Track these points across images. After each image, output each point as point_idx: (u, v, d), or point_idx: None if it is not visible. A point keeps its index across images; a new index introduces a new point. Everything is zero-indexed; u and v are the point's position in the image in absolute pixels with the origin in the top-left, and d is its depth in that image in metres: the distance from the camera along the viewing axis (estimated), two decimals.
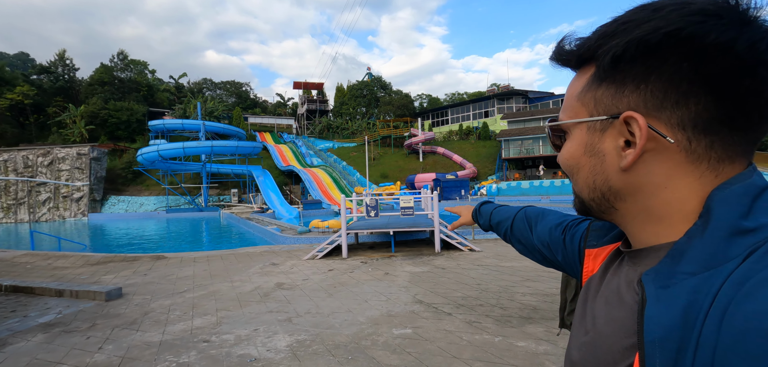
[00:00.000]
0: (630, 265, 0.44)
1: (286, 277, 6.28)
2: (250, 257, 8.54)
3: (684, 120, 0.38)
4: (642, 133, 0.39)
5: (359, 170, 38.31)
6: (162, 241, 17.04)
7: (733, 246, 0.34)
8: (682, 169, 0.39)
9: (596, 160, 0.44)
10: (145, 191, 33.82)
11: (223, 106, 49.28)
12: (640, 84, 0.39)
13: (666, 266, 0.37)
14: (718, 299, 0.32)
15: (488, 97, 47.91)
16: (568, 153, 0.48)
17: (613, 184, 0.43)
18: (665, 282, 0.36)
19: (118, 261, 9.38)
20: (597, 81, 0.43)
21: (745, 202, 0.36)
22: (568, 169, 0.49)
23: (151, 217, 28.70)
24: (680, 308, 0.34)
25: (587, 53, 0.44)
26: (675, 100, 0.38)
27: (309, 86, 60.55)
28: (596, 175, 0.44)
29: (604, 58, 0.41)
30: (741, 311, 0.30)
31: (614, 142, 0.42)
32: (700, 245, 0.36)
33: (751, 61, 0.35)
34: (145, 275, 7.28)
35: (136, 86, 47.34)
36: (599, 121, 0.43)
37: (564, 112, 0.48)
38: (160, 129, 35.69)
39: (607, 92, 0.42)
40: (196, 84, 61.50)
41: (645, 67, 0.39)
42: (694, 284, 0.34)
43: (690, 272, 0.35)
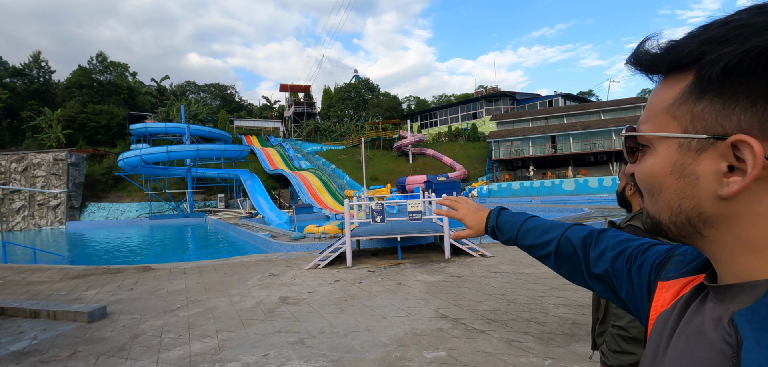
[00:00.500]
0: (716, 302, 0.39)
1: (289, 289, 5.78)
2: (245, 267, 7.99)
3: None
4: (757, 161, 0.34)
5: (349, 173, 37.85)
6: (146, 250, 16.21)
7: None
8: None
9: (686, 183, 0.39)
10: (126, 197, 32.56)
11: (207, 109, 48.12)
12: (757, 102, 0.34)
13: (765, 306, 0.33)
14: None
15: (476, 99, 48.07)
16: (650, 170, 0.42)
17: (704, 210, 0.38)
18: (764, 324, 0.32)
19: (100, 274, 8.69)
20: (697, 93, 0.37)
21: None
22: (646, 187, 0.44)
23: (134, 224, 27.57)
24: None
25: (686, 59, 0.38)
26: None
27: (296, 88, 59.72)
28: (683, 199, 0.40)
29: (713, 67, 0.35)
30: None
31: (714, 166, 0.37)
32: None
33: None
34: (132, 290, 6.67)
35: (116, 89, 45.76)
36: (696, 140, 0.38)
37: (647, 123, 0.43)
38: (142, 133, 34.47)
39: (710, 108, 0.36)
40: (179, 87, 59.94)
41: (765, 82, 0.33)
42: None
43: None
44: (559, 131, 32.91)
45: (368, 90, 60.54)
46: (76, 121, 37.75)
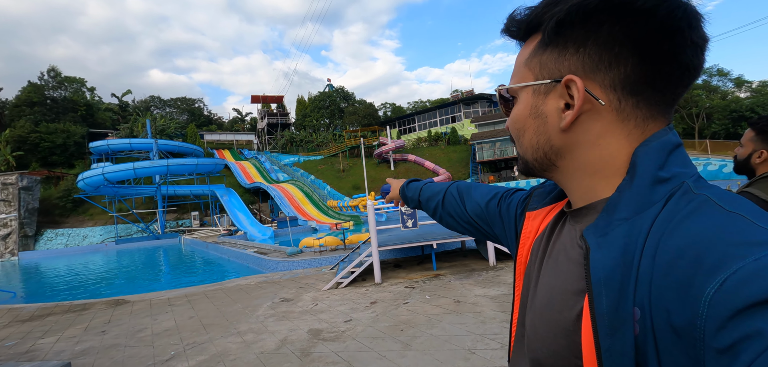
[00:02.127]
0: (572, 224, 0.48)
1: (316, 319, 4.56)
2: (246, 292, 6.66)
3: (615, 81, 0.42)
4: (580, 95, 0.43)
5: (329, 183, 36.49)
6: (115, 279, 14.29)
7: (655, 193, 0.40)
8: (613, 128, 0.44)
9: (540, 122, 0.48)
10: (88, 221, 29.72)
11: (175, 124, 45.40)
12: (579, 48, 0.43)
13: (603, 219, 0.42)
14: (650, 237, 0.38)
15: (453, 103, 47.98)
16: (515, 116, 0.51)
17: (554, 143, 0.47)
18: (604, 231, 0.41)
19: (60, 313, 7.09)
20: (542, 46, 0.46)
21: (662, 155, 0.42)
22: (515, 131, 0.52)
23: (98, 250, 25.02)
24: (619, 249, 0.39)
25: (535, 21, 0.47)
26: (608, 62, 0.42)
27: (268, 100, 57.74)
28: (539, 136, 0.48)
29: (549, 22, 0.44)
30: (670, 244, 0.36)
31: (556, 104, 0.46)
32: (629, 195, 0.41)
33: (670, 26, 0.40)
34: (104, 333, 5.24)
35: (73, 106, 42.33)
36: (543, 84, 0.46)
37: (512, 78, 0.51)
38: (103, 151, 31.73)
39: (551, 56, 0.45)
40: (143, 102, 56.59)
41: (584, 31, 0.42)
42: (627, 228, 0.39)
43: (623, 218, 0.40)
44: None
45: (343, 98, 59.40)
46: (28, 141, 34.39)
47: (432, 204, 0.90)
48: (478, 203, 0.75)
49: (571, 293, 0.43)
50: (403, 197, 1.04)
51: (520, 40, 0.52)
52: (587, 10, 0.42)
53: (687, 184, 0.40)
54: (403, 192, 1.03)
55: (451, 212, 0.83)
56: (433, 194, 0.89)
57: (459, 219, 0.81)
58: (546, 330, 0.46)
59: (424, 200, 0.94)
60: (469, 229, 0.79)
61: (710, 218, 0.36)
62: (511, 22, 0.51)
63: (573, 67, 0.44)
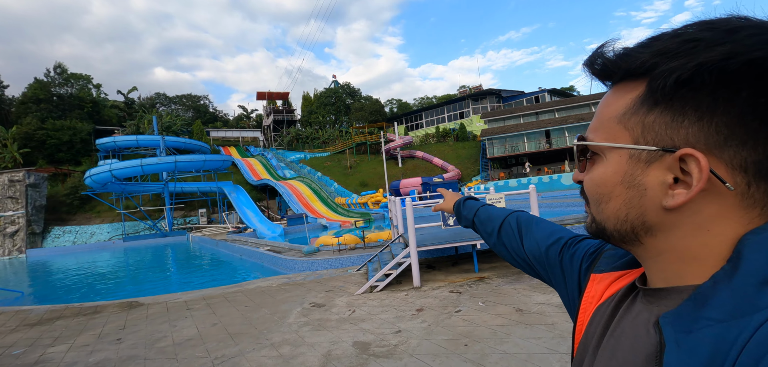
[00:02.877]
0: (645, 303, 0.41)
1: (359, 330, 4.07)
2: (268, 294, 6.19)
3: (747, 162, 0.34)
4: (702, 175, 0.34)
5: (336, 180, 36.08)
6: (125, 278, 13.91)
7: (762, 296, 0.32)
8: (732, 213, 0.36)
9: (634, 193, 0.39)
10: (95, 218, 29.47)
11: (181, 121, 45.09)
12: (704, 116, 0.35)
13: (688, 309, 0.34)
14: (746, 351, 0.30)
15: (461, 98, 47.37)
16: (600, 178, 0.42)
17: (648, 219, 0.39)
18: (687, 327, 0.33)
19: (70, 316, 6.65)
20: (649, 104, 0.38)
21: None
22: (595, 194, 0.43)
23: (106, 247, 24.73)
24: (704, 357, 0.31)
25: (639, 69, 0.38)
26: (742, 139, 0.34)
27: (273, 96, 57.34)
28: (631, 209, 0.40)
29: (666, 79, 0.35)
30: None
31: (661, 177, 0.37)
32: (728, 291, 0.33)
33: None
34: (120, 342, 4.78)
35: (79, 103, 42.12)
36: (646, 151, 0.38)
37: (597, 132, 0.43)
38: (110, 147, 31.49)
39: (660, 120, 0.37)
40: (148, 99, 56.37)
41: (713, 97, 0.34)
42: (719, 332, 0.32)
43: (715, 319, 0.32)
44: (551, 126, 32.31)
45: (349, 95, 58.88)
46: (34, 138, 34.21)
47: (487, 229, 0.85)
48: (538, 243, 0.69)
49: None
50: (457, 214, 1.00)
51: (610, 82, 0.42)
52: (723, 74, 0.33)
53: None
54: (458, 209, 0.99)
55: (507, 244, 0.77)
56: (490, 219, 0.85)
57: (514, 254, 0.75)
58: None
59: (479, 222, 0.90)
60: (524, 266, 0.74)
61: None
62: (601, 59, 0.41)
63: (692, 139, 0.35)
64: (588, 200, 0.45)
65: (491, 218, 0.85)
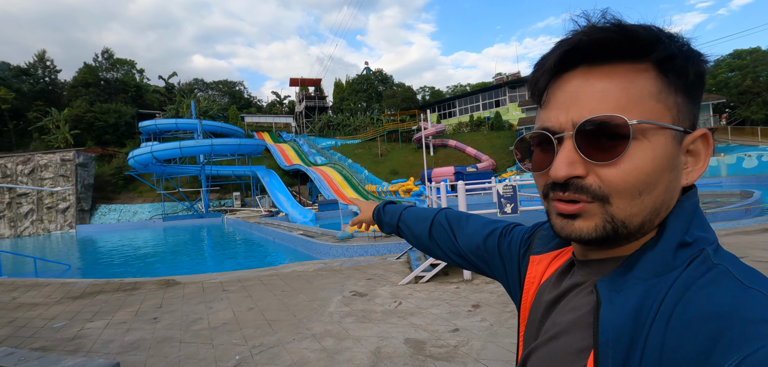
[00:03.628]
0: (583, 273, 0.46)
1: (409, 325, 3.65)
2: (305, 280, 5.89)
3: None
4: (709, 150, 0.41)
5: (367, 167, 35.80)
6: (163, 255, 14.25)
7: (678, 257, 0.38)
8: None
9: (674, 176, 0.40)
10: (138, 198, 30.81)
11: (217, 106, 46.27)
12: (697, 102, 0.41)
13: (619, 273, 0.40)
14: (665, 303, 0.36)
15: (498, 86, 45.62)
16: (651, 165, 0.39)
17: (672, 203, 0.41)
18: (618, 287, 0.39)
19: (110, 291, 6.66)
20: (674, 86, 0.40)
21: (689, 218, 0.40)
22: (638, 185, 0.39)
23: (147, 226, 25.78)
24: (631, 310, 0.37)
25: (665, 51, 0.39)
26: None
27: (306, 83, 57.73)
28: (667, 193, 0.40)
29: (699, 67, 0.40)
30: (686, 315, 0.34)
31: (683, 158, 0.41)
32: (652, 256, 0.39)
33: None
34: (156, 321, 4.61)
35: (124, 87, 44.10)
36: (680, 132, 0.40)
37: (631, 111, 0.38)
38: (151, 130, 32.71)
39: (683, 101, 0.40)
40: (187, 84, 58.28)
41: (702, 86, 0.41)
42: (644, 289, 0.38)
43: (641, 279, 0.38)
44: None
45: (381, 81, 58.28)
46: (84, 120, 36.12)
47: (415, 231, 0.83)
48: (473, 236, 0.70)
49: (575, 349, 0.41)
50: (378, 221, 0.96)
51: (603, 54, 0.40)
52: (705, 65, 0.41)
53: (707, 251, 0.38)
54: (379, 216, 0.95)
55: (440, 242, 0.77)
56: (418, 220, 0.83)
57: (448, 250, 0.75)
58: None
59: (404, 225, 0.87)
60: (460, 262, 0.74)
61: (730, 291, 0.34)
62: (612, 30, 0.39)
63: (694, 120, 0.41)
64: (611, 197, 0.39)
65: (419, 219, 0.83)
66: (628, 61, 0.39)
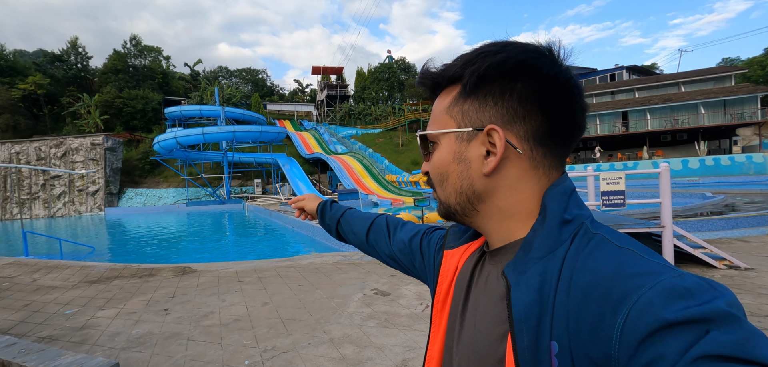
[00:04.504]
0: (492, 262, 0.51)
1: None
2: (323, 274, 5.55)
3: (528, 133, 0.47)
4: (501, 143, 0.47)
5: (387, 157, 35.35)
6: (183, 240, 14.32)
7: (563, 232, 0.44)
8: (528, 174, 0.48)
9: (463, 167, 0.50)
10: (163, 183, 31.47)
11: (240, 94, 46.70)
12: (498, 101, 0.48)
13: (520, 257, 0.45)
14: (562, 274, 0.41)
15: None
16: (439, 160, 0.53)
17: (476, 187, 0.50)
18: (522, 269, 0.44)
19: (127, 277, 6.52)
20: (463, 97, 0.50)
21: (565, 199, 0.47)
22: (437, 176, 0.54)
23: (171, 211, 26.26)
24: (536, 287, 0.42)
25: (455, 75, 0.51)
26: (522, 116, 0.47)
27: (328, 71, 57.55)
28: (463, 180, 0.51)
29: (471, 77, 0.48)
30: (580, 282, 0.39)
31: (478, 151, 0.49)
32: (542, 235, 0.45)
33: (567, 91, 0.47)
34: (166, 313, 4.35)
35: (151, 74, 45.07)
36: (466, 132, 0.50)
37: (433, 125, 0.54)
38: (176, 116, 33.25)
39: (472, 107, 0.49)
40: (212, 72, 59.13)
41: (501, 87, 0.48)
42: (542, 267, 0.43)
43: (538, 257, 0.44)
44: (629, 107, 28.83)
45: (403, 70, 57.43)
46: (113, 106, 37.12)
47: (354, 229, 0.88)
48: (403, 239, 0.76)
49: (496, 335, 0.46)
50: (320, 218, 1.00)
51: (433, 93, 0.55)
52: (504, 70, 0.47)
53: (585, 224, 0.45)
54: (323, 212, 0.99)
55: (376, 244, 0.82)
56: (358, 222, 0.88)
57: (383, 253, 0.81)
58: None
59: (345, 223, 0.92)
60: (391, 263, 0.80)
61: (608, 255, 0.40)
62: (426, 76, 0.54)
63: (493, 118, 0.48)
64: (434, 186, 0.55)
65: (360, 219, 0.88)
66: (451, 85, 0.52)
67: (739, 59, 45.48)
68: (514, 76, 0.47)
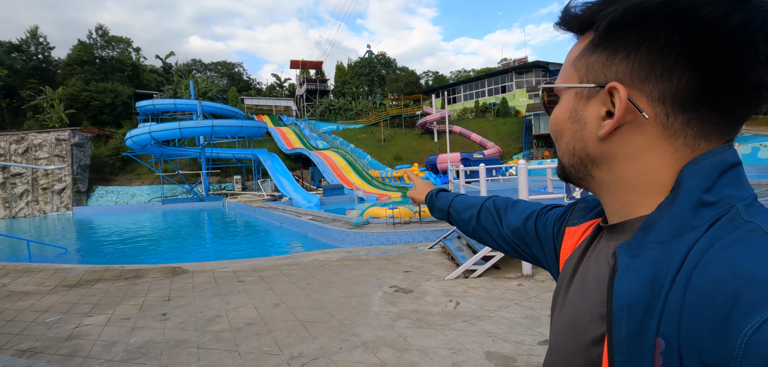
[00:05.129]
0: (607, 240, 0.46)
1: (482, 332, 2.99)
2: (332, 271, 5.24)
3: (664, 94, 0.39)
4: (621, 105, 0.40)
5: (370, 152, 35.09)
6: (164, 240, 13.58)
7: (697, 217, 0.36)
8: (657, 143, 0.40)
9: (578, 127, 0.45)
10: (136, 180, 30.00)
11: (216, 88, 45.13)
12: (631, 53, 0.40)
13: (637, 238, 0.39)
14: (684, 265, 0.34)
15: (504, 71, 44.63)
16: (556, 117, 0.49)
17: (590, 151, 0.44)
18: (635, 252, 0.38)
19: (110, 279, 5.99)
20: (592, 47, 0.43)
21: (712, 176, 0.38)
22: (553, 133, 0.50)
23: (146, 209, 25.06)
24: (647, 275, 0.36)
25: (589, 18, 0.44)
26: (660, 73, 0.38)
27: (307, 65, 56.46)
28: (576, 141, 0.46)
29: (602, 23, 0.41)
30: (705, 276, 0.32)
31: (597, 111, 0.43)
32: (668, 216, 0.38)
33: (740, 39, 0.35)
34: (166, 318, 3.95)
35: (120, 66, 42.80)
36: (586, 88, 0.44)
37: (559, 77, 0.49)
38: (149, 110, 31.73)
39: (599, 59, 0.42)
40: (185, 65, 56.90)
41: (638, 35, 0.39)
42: (660, 253, 0.36)
43: (658, 242, 0.37)
44: None
45: (384, 65, 57.05)
46: (79, 99, 34.99)
47: (464, 216, 0.85)
48: (515, 221, 0.71)
49: (596, 315, 0.41)
50: (430, 206, 0.99)
51: (575, 34, 0.48)
52: (644, 14, 0.38)
53: (736, 209, 0.36)
54: (431, 201, 0.99)
55: (487, 227, 0.78)
56: (466, 207, 0.86)
57: (495, 237, 0.77)
58: (567, 348, 0.45)
59: (454, 212, 0.90)
60: (506, 248, 0.75)
61: (757, 249, 0.32)
62: (566, 14, 0.47)
63: (620, 74, 0.41)
64: (554, 143, 0.50)
65: (468, 205, 0.85)
66: (586, 30, 0.45)
67: None
68: (655, 23, 0.37)
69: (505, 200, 0.78)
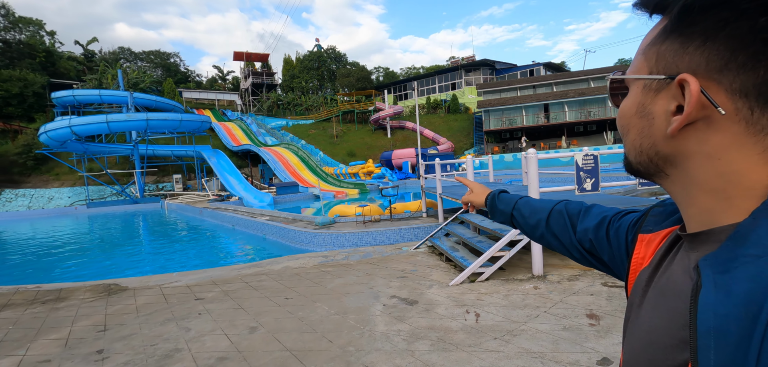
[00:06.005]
0: (687, 250, 0.40)
1: (521, 352, 2.47)
2: (312, 281, 4.51)
3: (748, 87, 0.33)
4: (692, 99, 0.35)
5: (322, 149, 34.09)
6: (91, 249, 11.73)
7: None
8: (740, 141, 0.35)
9: (645, 122, 0.41)
10: (54, 181, 26.28)
11: (149, 78, 41.09)
12: (707, 41, 0.35)
13: (727, 249, 0.34)
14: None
15: (454, 69, 45.67)
16: (622, 111, 0.45)
17: (660, 149, 0.40)
18: (724, 267, 0.32)
19: (22, 305, 4.75)
20: (664, 34, 0.39)
21: None
22: (620, 127, 0.46)
23: (67, 213, 21.98)
24: (742, 294, 0.30)
25: (662, 2, 0.39)
26: (742, 62, 0.33)
27: (252, 57, 53.55)
28: (643, 138, 0.41)
29: (675, 6, 0.37)
30: None
31: (666, 106, 0.38)
32: (767, 225, 0.32)
33: None
34: (103, 358, 3.03)
35: (30, 51, 37.39)
36: (656, 80, 0.39)
37: (630, 67, 0.45)
38: (68, 102, 27.93)
39: (671, 47, 0.37)
40: (112, 53, 51.33)
41: (717, 20, 0.34)
42: (758, 268, 0.30)
43: (754, 255, 0.31)
44: (550, 100, 31.35)
45: (334, 60, 55.80)
46: None
47: (531, 221, 0.81)
48: (587, 227, 0.67)
49: (674, 341, 0.36)
50: (491, 208, 0.95)
51: (651, 13, 0.41)
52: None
53: None
54: (493, 203, 0.94)
55: (558, 233, 0.74)
56: (533, 212, 0.81)
57: (564, 242, 0.73)
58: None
59: (519, 216, 0.85)
60: (576, 255, 0.71)
61: None
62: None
63: (693, 64, 0.35)
64: (622, 137, 0.46)
65: (535, 210, 0.81)
66: (660, 13, 0.40)
67: (631, 60, 52.63)
68: (740, 4, 0.32)
69: (578, 205, 0.73)
